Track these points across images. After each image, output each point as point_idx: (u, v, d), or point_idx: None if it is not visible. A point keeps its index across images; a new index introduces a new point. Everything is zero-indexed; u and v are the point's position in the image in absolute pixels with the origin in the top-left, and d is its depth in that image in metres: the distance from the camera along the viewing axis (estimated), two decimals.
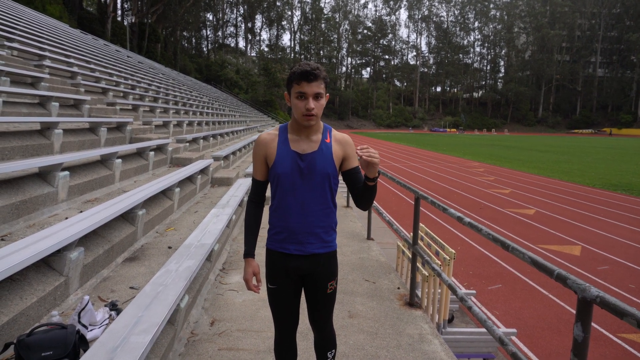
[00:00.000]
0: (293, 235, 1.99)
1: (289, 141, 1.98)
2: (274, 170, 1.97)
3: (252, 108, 52.59)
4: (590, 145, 47.93)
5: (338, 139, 2.04)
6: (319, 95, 1.88)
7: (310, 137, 1.98)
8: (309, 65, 1.85)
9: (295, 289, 2.09)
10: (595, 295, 1.57)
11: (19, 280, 2.69)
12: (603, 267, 7.36)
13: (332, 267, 2.09)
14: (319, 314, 2.14)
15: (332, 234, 2.07)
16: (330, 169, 1.97)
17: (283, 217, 1.99)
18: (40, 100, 6.73)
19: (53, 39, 14.01)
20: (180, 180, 6.03)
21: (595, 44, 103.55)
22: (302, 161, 1.95)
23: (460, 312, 5.33)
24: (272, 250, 2.07)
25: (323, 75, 1.88)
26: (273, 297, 2.10)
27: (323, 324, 2.17)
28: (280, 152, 1.97)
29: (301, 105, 1.86)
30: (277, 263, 2.04)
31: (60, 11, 31.46)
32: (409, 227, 8.65)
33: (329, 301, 2.13)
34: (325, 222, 2.01)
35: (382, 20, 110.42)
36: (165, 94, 17.04)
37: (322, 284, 2.07)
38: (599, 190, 15.78)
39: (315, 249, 2.01)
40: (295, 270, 2.03)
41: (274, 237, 2.05)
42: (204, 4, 70.98)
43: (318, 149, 1.97)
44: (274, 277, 2.07)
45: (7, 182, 3.77)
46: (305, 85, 1.84)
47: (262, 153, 2.03)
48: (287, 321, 2.13)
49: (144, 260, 4.06)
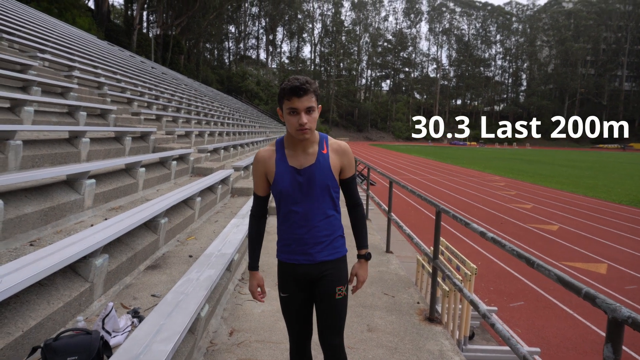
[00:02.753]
0: (300, 246, 2.03)
1: (287, 157, 2.01)
2: (275, 187, 2.02)
3: (272, 119, 53.05)
4: (616, 160, 46.74)
5: (335, 148, 2.05)
6: (311, 109, 1.89)
7: (307, 150, 2.00)
8: (298, 80, 1.86)
9: (306, 295, 2.11)
10: (626, 315, 1.52)
11: (47, 285, 2.75)
12: (631, 286, 7.12)
13: (341, 271, 2.09)
14: (327, 325, 2.04)
15: (339, 240, 2.09)
16: (329, 180, 2.00)
17: (289, 230, 2.04)
18: (69, 109, 6.94)
19: (82, 50, 14.47)
20: (201, 189, 6.12)
21: (622, 57, 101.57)
22: (300, 176, 1.98)
23: (481, 328, 5.21)
24: (283, 262, 2.11)
25: (313, 88, 1.89)
26: (285, 305, 2.14)
27: (331, 339, 2.05)
28: (279, 168, 2.00)
29: (294, 120, 1.88)
30: (288, 273, 2.09)
31: (89, 23, 32.54)
32: (428, 241, 8.55)
33: (338, 310, 2.06)
34: (330, 230, 2.04)
35: (403, 33, 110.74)
36: (187, 104, 17.36)
37: (330, 288, 2.05)
38: (625, 207, 15.34)
39: (323, 257, 2.04)
40: (304, 276, 2.06)
41: (283, 248, 2.09)
42: (227, 16, 72.43)
43: (315, 162, 1.99)
44: (285, 285, 2.11)
45: (36, 188, 3.88)
46: (296, 101, 1.85)
47: (261, 170, 2.07)
48: (300, 329, 2.14)
49: (166, 269, 4.11)
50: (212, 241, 4.36)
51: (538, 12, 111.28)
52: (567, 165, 36.15)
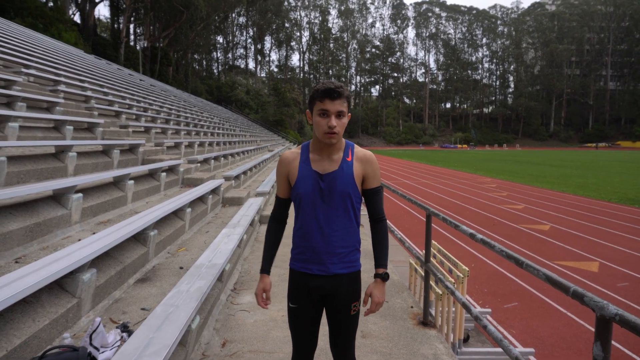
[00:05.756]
0: (315, 255, 1.96)
1: (310, 161, 1.98)
2: (296, 190, 1.97)
3: (263, 128, 53.04)
4: (604, 159, 47.28)
5: (360, 157, 2.00)
6: (342, 114, 1.87)
7: (332, 157, 1.97)
8: (333, 83, 1.85)
9: (316, 309, 2.05)
10: (614, 313, 1.52)
11: (32, 303, 2.70)
12: (623, 283, 7.17)
13: (355, 287, 2.04)
14: (341, 338, 2.05)
15: (355, 253, 2.03)
16: (351, 188, 1.94)
17: (305, 237, 1.98)
18: (55, 124, 6.87)
19: (68, 64, 14.38)
20: (191, 200, 6.07)
21: (605, 57, 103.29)
22: (322, 181, 1.94)
23: (476, 331, 5.21)
24: (295, 270, 2.05)
25: (346, 94, 1.87)
26: (293, 317, 2.06)
27: (344, 350, 2.07)
28: (302, 171, 1.97)
29: (323, 123, 1.86)
30: (300, 282, 2.02)
31: (76, 38, 32.34)
32: (421, 245, 8.55)
33: (352, 324, 2.05)
34: (347, 241, 1.98)
35: (390, 38, 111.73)
36: (176, 115, 17.30)
37: (345, 305, 2.01)
38: (615, 204, 15.49)
39: (338, 269, 1.97)
40: (317, 290, 1.99)
41: (297, 256, 2.04)
42: (214, 27, 72.41)
43: (338, 169, 1.94)
44: (295, 296, 2.04)
45: (22, 205, 3.82)
46: (328, 103, 1.84)
47: (284, 172, 2.04)
48: (306, 342, 2.08)
49: (156, 281, 4.06)
50: (203, 252, 4.32)
51: (522, 15, 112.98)
52: (557, 165, 36.51)
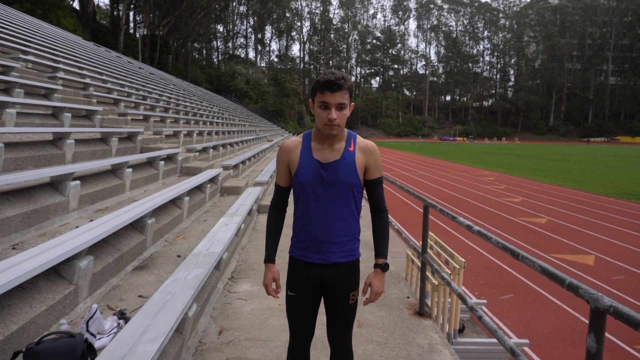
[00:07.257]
0: (315, 244, 1.97)
1: (312, 149, 1.97)
2: (297, 178, 1.97)
3: (262, 118, 52.90)
4: (603, 153, 47.32)
5: (362, 147, 2.00)
6: (342, 106, 1.86)
7: (333, 146, 1.97)
8: (334, 74, 1.83)
9: (315, 298, 2.06)
10: (608, 305, 1.53)
11: (29, 289, 2.71)
12: (618, 277, 7.21)
13: (354, 276, 2.05)
14: (338, 327, 2.07)
15: (354, 242, 2.04)
16: (353, 178, 1.94)
17: (305, 226, 1.98)
18: (53, 111, 6.84)
19: (67, 51, 14.28)
20: (189, 189, 6.07)
21: (607, 52, 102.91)
22: (324, 170, 1.93)
23: (471, 322, 5.24)
24: (295, 258, 2.05)
25: (348, 85, 1.86)
26: (292, 305, 2.07)
27: (341, 339, 2.09)
28: (303, 160, 1.96)
29: (323, 114, 1.85)
30: (299, 271, 2.03)
31: (75, 24, 32.08)
32: (418, 236, 8.57)
33: (350, 314, 2.07)
34: (347, 230, 1.99)
35: (391, 30, 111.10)
36: (175, 104, 17.22)
37: (344, 294, 2.03)
38: (612, 199, 15.54)
39: (337, 258, 1.98)
40: (317, 279, 2.00)
41: (297, 244, 2.04)
42: (215, 16, 71.93)
43: (340, 158, 1.94)
44: (294, 284, 2.05)
45: (19, 191, 3.82)
46: (328, 95, 1.82)
47: (285, 160, 2.03)
48: (303, 330, 2.09)
49: (153, 269, 4.07)
50: (201, 240, 4.32)
51: (524, 8, 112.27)
52: (556, 159, 36.53)
